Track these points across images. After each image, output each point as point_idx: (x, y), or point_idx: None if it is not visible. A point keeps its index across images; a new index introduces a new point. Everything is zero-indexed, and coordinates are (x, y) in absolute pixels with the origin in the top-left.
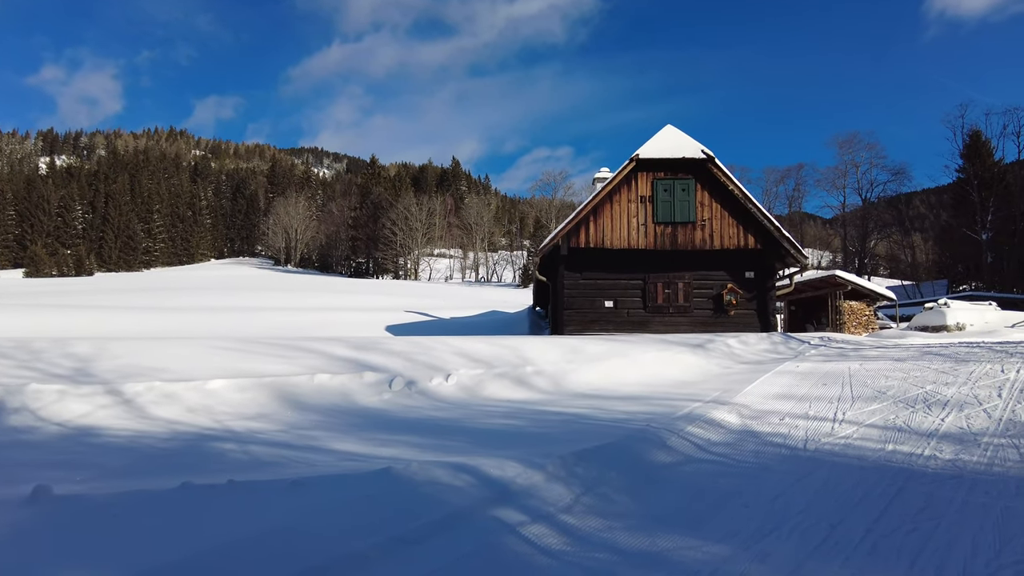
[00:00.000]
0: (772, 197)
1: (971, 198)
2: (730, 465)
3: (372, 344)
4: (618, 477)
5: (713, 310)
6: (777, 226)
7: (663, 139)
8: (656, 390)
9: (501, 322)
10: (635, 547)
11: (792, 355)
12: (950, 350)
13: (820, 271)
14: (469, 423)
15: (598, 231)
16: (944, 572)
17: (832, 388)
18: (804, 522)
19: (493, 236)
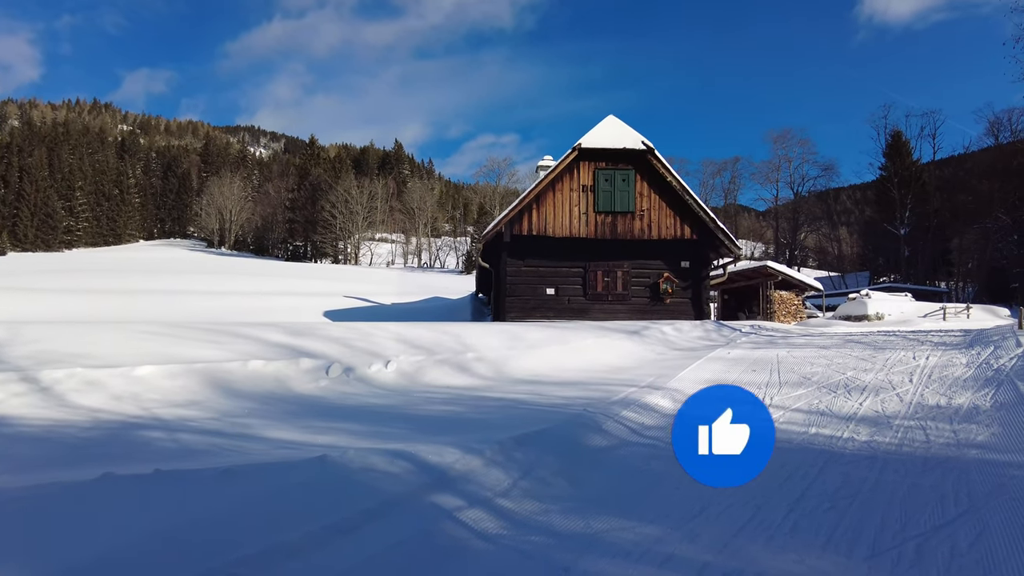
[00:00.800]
0: (709, 189)
1: (892, 195)
2: (663, 448)
3: (309, 330)
4: (555, 461)
5: (650, 298)
6: (712, 218)
7: (605, 129)
8: (594, 376)
9: (443, 308)
10: (570, 529)
11: (724, 342)
12: (870, 338)
13: (753, 262)
14: (408, 410)
15: (541, 219)
16: (856, 546)
17: (761, 374)
18: (732, 503)
19: (436, 221)
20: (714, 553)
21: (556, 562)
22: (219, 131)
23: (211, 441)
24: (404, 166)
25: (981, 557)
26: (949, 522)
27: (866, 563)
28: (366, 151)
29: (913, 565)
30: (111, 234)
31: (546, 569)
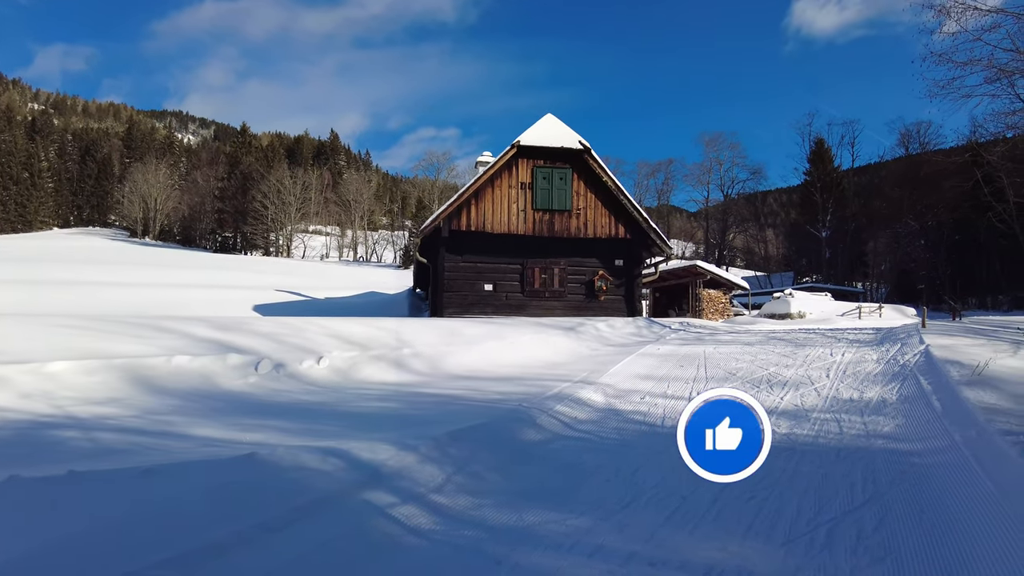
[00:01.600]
0: (643, 189)
1: (814, 199)
2: (594, 442)
3: (238, 324)
4: (490, 456)
5: (585, 295)
6: (646, 217)
7: (543, 128)
8: (530, 371)
9: (380, 303)
10: (503, 523)
11: (655, 338)
12: (791, 336)
13: (684, 261)
14: (342, 407)
15: (479, 215)
16: (773, 532)
17: (689, 369)
18: (659, 494)
19: (373, 215)
20: (641, 543)
21: (489, 555)
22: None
23: (132, 440)
24: (340, 157)
25: (884, 538)
26: (857, 507)
27: (783, 548)
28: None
29: (824, 548)
30: (20, 220)
31: (478, 562)
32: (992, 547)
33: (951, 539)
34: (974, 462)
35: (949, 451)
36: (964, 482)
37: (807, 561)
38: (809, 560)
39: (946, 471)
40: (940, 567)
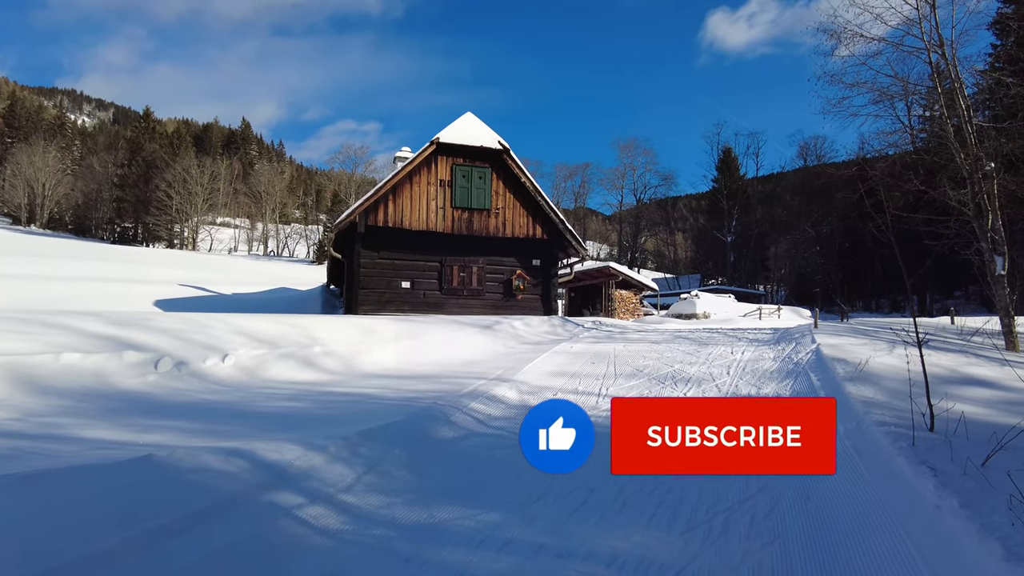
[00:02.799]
0: (561, 192)
1: (721, 206)
2: (508, 438)
3: (136, 320)
4: (402, 454)
5: (503, 294)
6: (562, 219)
7: (463, 126)
8: (446, 369)
9: (291, 300)
10: (414, 520)
11: (568, 337)
12: (696, 335)
13: (598, 262)
14: (248, 406)
15: (397, 211)
16: (675, 521)
17: (600, 366)
18: (568, 488)
19: (286, 207)
20: (549, 535)
21: (398, 553)
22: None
23: (11, 444)
24: (252, 147)
25: (774, 524)
26: (751, 496)
27: (682, 537)
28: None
29: (721, 535)
30: None
31: (388, 561)
32: (862, 525)
33: (831, 521)
34: (853, 451)
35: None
36: (844, 469)
37: (705, 548)
38: (707, 547)
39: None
40: (821, 547)
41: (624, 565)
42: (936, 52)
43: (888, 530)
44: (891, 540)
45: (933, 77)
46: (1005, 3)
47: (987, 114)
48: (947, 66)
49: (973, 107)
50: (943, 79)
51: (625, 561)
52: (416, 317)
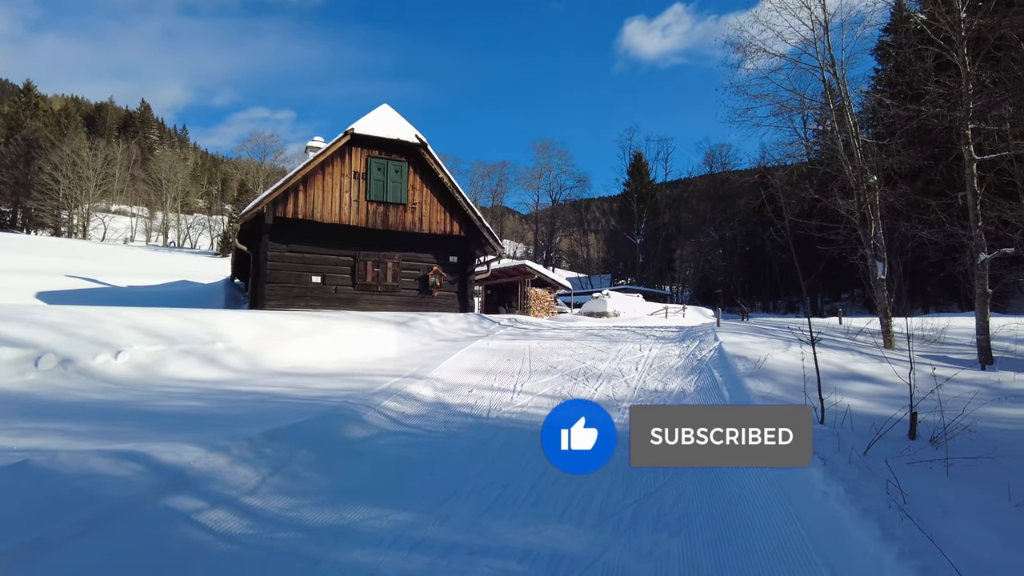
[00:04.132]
0: (479, 189)
1: (632, 208)
2: (421, 436)
3: (14, 313)
4: (310, 455)
5: (419, 290)
6: (480, 216)
7: (379, 118)
8: (358, 367)
9: (192, 293)
10: (322, 522)
11: (484, 334)
12: (607, 332)
13: (514, 261)
14: (144, 406)
15: (308, 202)
16: (587, 513)
17: (515, 363)
18: (482, 483)
19: (189, 196)
20: (463, 533)
21: (306, 556)
22: None
23: None
24: (152, 130)
25: (680, 514)
26: (658, 488)
27: (593, 529)
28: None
29: (630, 526)
30: None
31: (294, 564)
32: (760, 513)
33: (732, 511)
34: None
35: None
36: None
37: (614, 540)
38: (616, 538)
39: None
40: (723, 535)
41: (537, 559)
42: (828, 71)
43: (783, 517)
44: (786, 526)
45: (826, 94)
46: (886, 32)
47: (871, 131)
48: (838, 85)
49: (860, 124)
50: (834, 96)
51: (538, 556)
52: (327, 313)
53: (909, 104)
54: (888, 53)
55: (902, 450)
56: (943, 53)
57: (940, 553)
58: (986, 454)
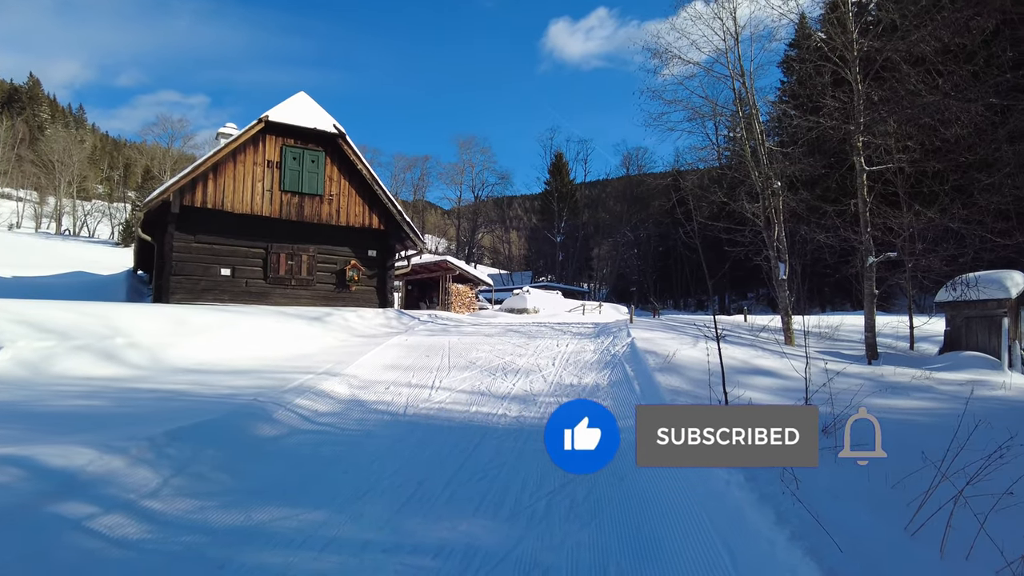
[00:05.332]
0: (400, 183)
1: (552, 207)
2: (334, 434)
3: None
4: (217, 454)
5: (336, 285)
6: (400, 210)
7: (296, 106)
8: (270, 363)
9: (89, 285)
10: (228, 524)
11: (404, 329)
12: (526, 328)
13: (436, 256)
14: (31, 406)
15: (218, 191)
16: (501, 507)
17: (434, 359)
18: (397, 481)
19: (87, 181)
20: (376, 530)
21: (210, 560)
22: None
23: None
24: (42, 108)
25: (591, 504)
26: (571, 480)
27: (507, 522)
28: None
29: (544, 518)
30: None
31: (197, 569)
32: (667, 502)
33: (640, 501)
34: None
35: None
36: None
37: (528, 532)
38: (530, 531)
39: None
40: (632, 523)
41: (451, 555)
42: (738, 80)
43: (688, 505)
44: (690, 514)
45: (736, 102)
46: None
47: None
48: (747, 94)
49: (766, 132)
50: (744, 105)
51: (452, 551)
52: (237, 307)
53: (810, 116)
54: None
55: None
56: (839, 70)
57: (826, 533)
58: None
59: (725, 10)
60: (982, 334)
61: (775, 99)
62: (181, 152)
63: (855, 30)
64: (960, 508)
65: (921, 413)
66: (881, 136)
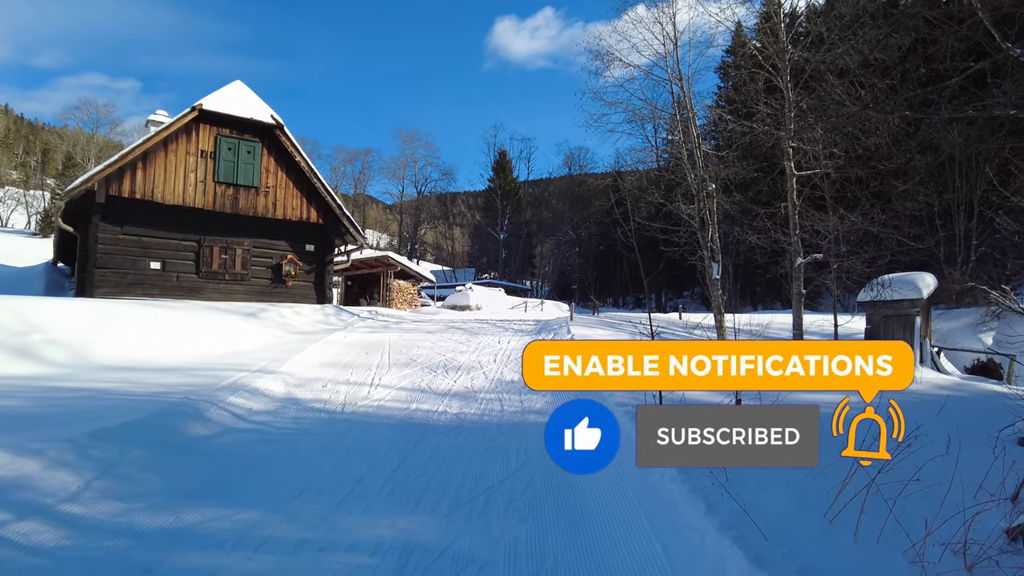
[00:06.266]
0: (340, 176)
1: (496, 204)
2: (269, 433)
3: None
4: (144, 455)
5: (272, 280)
6: (340, 204)
7: (232, 95)
8: (202, 361)
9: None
10: (157, 526)
11: (343, 326)
12: (468, 325)
13: (377, 252)
14: None
15: (147, 181)
16: (440, 503)
17: (373, 356)
18: (334, 479)
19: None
20: (312, 529)
21: (136, 564)
22: None
23: None
24: None
25: (530, 499)
26: (511, 475)
27: (446, 518)
28: None
29: (482, 513)
30: None
31: (122, 575)
32: (603, 495)
33: (577, 493)
34: None
35: None
36: None
37: (466, 527)
38: (468, 526)
39: None
40: (568, 516)
41: (388, 552)
42: (677, 84)
43: (624, 499)
44: (626, 507)
45: (675, 106)
46: (728, 53)
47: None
48: (684, 98)
49: (703, 136)
50: (682, 109)
51: (390, 548)
52: (168, 303)
53: (744, 121)
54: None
55: None
56: (771, 78)
57: (752, 523)
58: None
59: (665, 15)
60: (898, 332)
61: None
62: (107, 139)
63: (787, 40)
64: (873, 495)
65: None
66: (809, 143)
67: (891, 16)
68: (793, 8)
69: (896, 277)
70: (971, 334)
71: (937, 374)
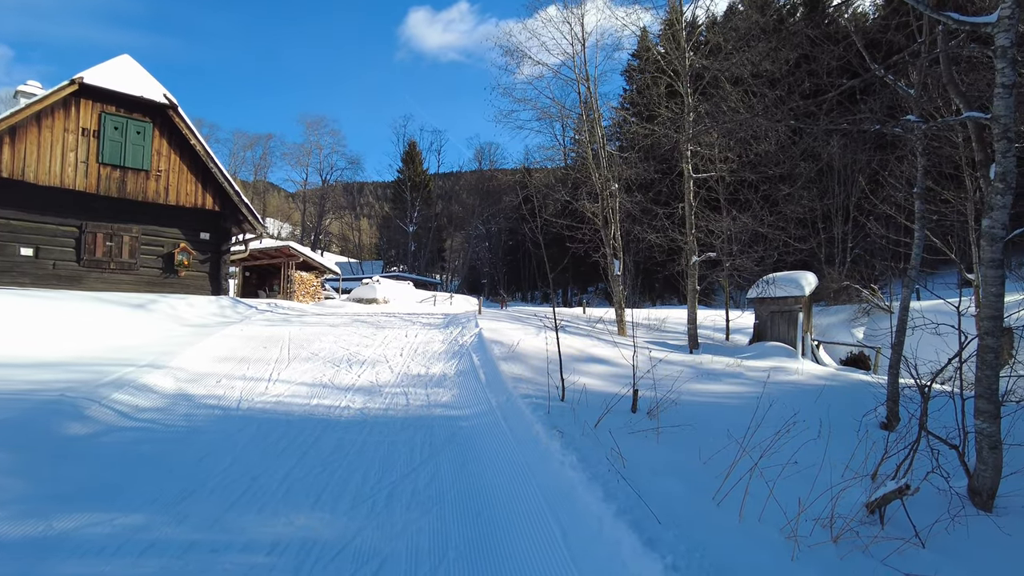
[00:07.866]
0: (239, 161)
1: (405, 196)
2: (158, 431)
3: None
4: (10, 458)
5: (163, 269)
6: (237, 191)
7: (118, 69)
8: (82, 355)
9: None
10: (25, 535)
11: (240, 319)
12: (375, 319)
13: (278, 241)
14: None
15: (17, 158)
16: (340, 501)
17: (272, 350)
18: (228, 478)
19: None
20: (203, 531)
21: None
22: None
23: None
24: None
25: (434, 492)
26: (415, 468)
27: (347, 514)
28: None
29: (385, 507)
30: None
31: None
32: (508, 486)
33: (482, 485)
34: (502, 420)
35: (488, 414)
36: (495, 436)
37: (368, 522)
38: (370, 521)
39: (484, 429)
40: (472, 509)
41: (286, 550)
42: (584, 85)
43: (527, 487)
44: (528, 496)
45: (582, 106)
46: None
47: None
48: (591, 98)
49: (608, 137)
50: (588, 109)
51: (287, 546)
52: (43, 292)
53: (646, 123)
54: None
55: (626, 422)
56: (673, 83)
57: (647, 507)
58: (687, 422)
59: (574, 16)
60: (782, 326)
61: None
62: None
63: (687, 47)
64: (756, 478)
65: (731, 396)
66: (706, 146)
67: (780, 31)
68: (694, 17)
69: (781, 276)
70: (846, 329)
71: (816, 365)
